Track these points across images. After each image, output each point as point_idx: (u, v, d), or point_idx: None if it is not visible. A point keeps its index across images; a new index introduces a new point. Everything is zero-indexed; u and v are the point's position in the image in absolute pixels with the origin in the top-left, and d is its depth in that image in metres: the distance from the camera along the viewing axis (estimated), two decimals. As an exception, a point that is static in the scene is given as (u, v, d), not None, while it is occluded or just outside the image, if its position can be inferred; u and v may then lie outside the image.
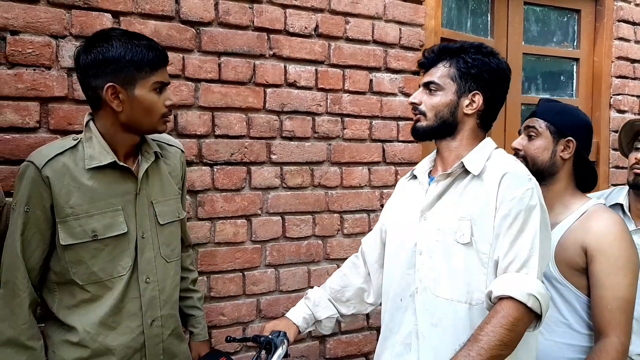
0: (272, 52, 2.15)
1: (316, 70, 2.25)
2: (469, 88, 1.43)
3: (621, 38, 3.04)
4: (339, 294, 1.66)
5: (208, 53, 2.03)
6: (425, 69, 1.51)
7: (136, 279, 1.47)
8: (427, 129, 1.46)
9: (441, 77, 1.45)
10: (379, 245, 1.65)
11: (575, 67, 3.07)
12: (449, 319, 1.37)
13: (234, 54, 2.08)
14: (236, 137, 2.10)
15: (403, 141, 2.45)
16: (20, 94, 1.72)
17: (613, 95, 3.03)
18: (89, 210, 1.40)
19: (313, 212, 2.27)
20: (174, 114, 1.98)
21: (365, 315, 2.39)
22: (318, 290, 1.68)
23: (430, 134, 1.47)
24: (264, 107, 2.15)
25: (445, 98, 1.44)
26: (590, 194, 1.80)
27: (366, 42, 2.36)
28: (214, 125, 2.06)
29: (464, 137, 1.46)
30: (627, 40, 3.06)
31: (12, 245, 1.38)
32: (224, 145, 2.08)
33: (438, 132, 1.46)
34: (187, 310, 1.73)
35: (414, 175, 1.58)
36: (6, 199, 1.51)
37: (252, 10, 2.10)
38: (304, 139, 2.24)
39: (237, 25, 2.08)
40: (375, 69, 2.38)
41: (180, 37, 1.97)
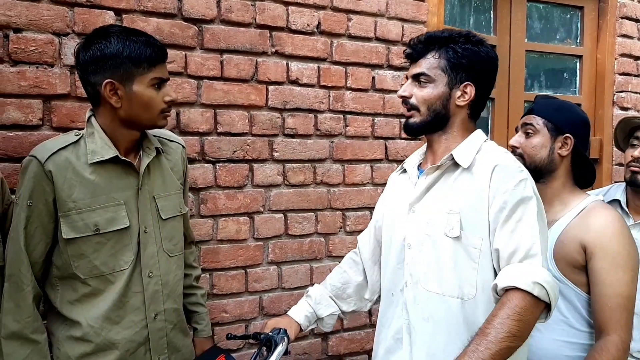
0: (274, 50, 2.15)
1: (318, 67, 2.25)
2: (461, 79, 1.39)
3: (624, 35, 3.02)
4: (339, 291, 1.66)
5: (210, 50, 2.03)
6: (412, 60, 1.45)
7: (139, 273, 1.48)
8: (421, 124, 1.43)
9: (431, 68, 1.40)
10: (372, 241, 1.64)
11: (578, 64, 3.06)
12: (440, 314, 1.35)
13: (236, 52, 2.08)
14: (238, 134, 2.10)
15: (405, 138, 2.44)
16: (23, 91, 1.73)
17: (616, 92, 3.01)
18: (91, 204, 1.41)
19: (315, 210, 2.27)
20: (177, 111, 1.98)
21: (367, 312, 2.39)
22: (319, 287, 1.68)
23: (424, 129, 1.45)
24: (266, 104, 2.15)
25: (436, 90, 1.40)
26: (588, 191, 1.79)
27: (368, 40, 2.35)
28: (216, 123, 2.06)
29: (455, 129, 1.43)
30: (631, 37, 3.04)
31: (16, 239, 1.39)
32: (226, 142, 2.08)
33: (432, 126, 1.43)
34: (191, 307, 1.74)
35: (405, 169, 1.56)
36: (11, 195, 1.52)
37: (255, 7, 2.10)
38: (306, 137, 2.24)
39: (240, 22, 2.08)
40: (378, 66, 2.38)
41: (182, 35, 1.98)
